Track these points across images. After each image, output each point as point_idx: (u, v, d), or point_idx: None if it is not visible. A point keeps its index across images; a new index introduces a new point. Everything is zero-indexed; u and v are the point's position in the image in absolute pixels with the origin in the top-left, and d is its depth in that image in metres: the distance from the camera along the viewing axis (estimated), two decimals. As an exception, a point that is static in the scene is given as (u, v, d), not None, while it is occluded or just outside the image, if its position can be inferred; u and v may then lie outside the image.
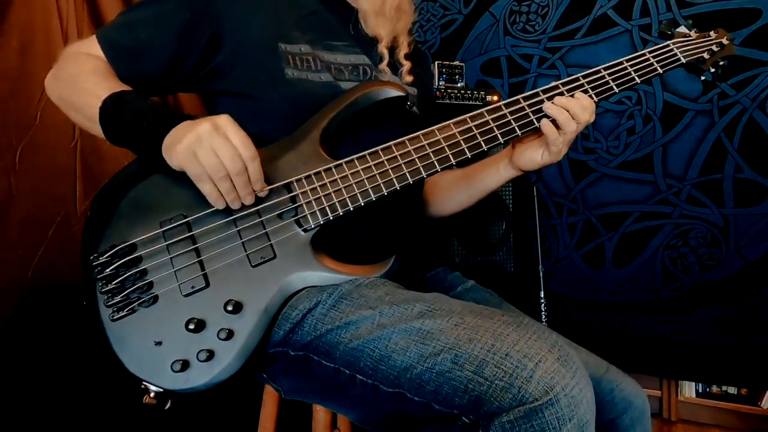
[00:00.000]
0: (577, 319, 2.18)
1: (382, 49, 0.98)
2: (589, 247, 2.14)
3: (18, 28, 1.43)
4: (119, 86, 0.82)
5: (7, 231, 1.39)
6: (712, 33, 1.02)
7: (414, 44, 1.08)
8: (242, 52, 0.88)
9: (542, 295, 1.97)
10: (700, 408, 2.03)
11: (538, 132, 0.92)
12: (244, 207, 0.79)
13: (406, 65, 1.02)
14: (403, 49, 1.02)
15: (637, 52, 0.97)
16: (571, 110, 0.89)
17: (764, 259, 1.83)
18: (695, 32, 1.02)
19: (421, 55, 1.16)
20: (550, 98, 0.91)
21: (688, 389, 2.06)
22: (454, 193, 1.10)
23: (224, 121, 0.74)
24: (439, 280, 1.04)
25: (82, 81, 0.84)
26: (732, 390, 2.02)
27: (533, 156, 0.95)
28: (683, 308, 1.97)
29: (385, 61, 0.99)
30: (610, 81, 0.93)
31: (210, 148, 0.72)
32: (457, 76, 1.92)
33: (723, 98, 1.86)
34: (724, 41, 1.01)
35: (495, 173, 1.03)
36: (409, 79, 1.02)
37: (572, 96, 0.91)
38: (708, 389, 2.05)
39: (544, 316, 1.94)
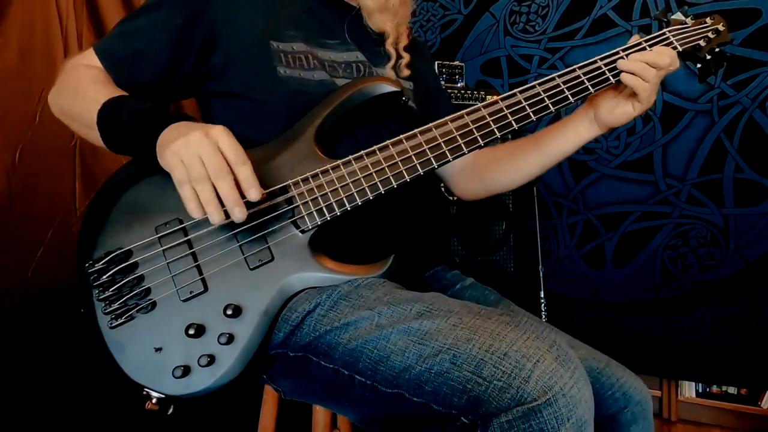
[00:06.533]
0: (578, 319, 2.17)
1: (389, 47, 0.97)
2: (589, 247, 2.14)
3: (18, 28, 1.43)
4: (119, 93, 0.82)
5: (6, 231, 1.39)
6: (708, 20, 1.00)
7: (412, 35, 1.07)
8: (234, 53, 0.88)
9: (542, 295, 1.97)
10: (700, 408, 2.03)
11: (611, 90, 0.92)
12: None
13: (405, 58, 1.00)
14: (402, 41, 1.01)
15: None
16: (648, 60, 0.88)
17: (764, 259, 1.83)
18: (691, 19, 1.00)
19: (420, 47, 1.14)
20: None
21: (688, 389, 2.06)
22: (521, 164, 1.03)
23: (218, 130, 0.72)
24: (438, 278, 1.03)
25: (82, 90, 0.84)
26: (732, 390, 2.01)
27: (625, 110, 0.92)
28: (683, 308, 1.97)
29: (392, 61, 0.97)
30: (607, 72, 0.91)
31: (196, 154, 0.69)
32: (457, 76, 1.92)
33: (723, 98, 1.86)
34: (720, 27, 0.99)
35: (574, 136, 0.96)
36: (406, 72, 1.01)
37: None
38: (708, 389, 2.05)
39: (544, 316, 1.94)
